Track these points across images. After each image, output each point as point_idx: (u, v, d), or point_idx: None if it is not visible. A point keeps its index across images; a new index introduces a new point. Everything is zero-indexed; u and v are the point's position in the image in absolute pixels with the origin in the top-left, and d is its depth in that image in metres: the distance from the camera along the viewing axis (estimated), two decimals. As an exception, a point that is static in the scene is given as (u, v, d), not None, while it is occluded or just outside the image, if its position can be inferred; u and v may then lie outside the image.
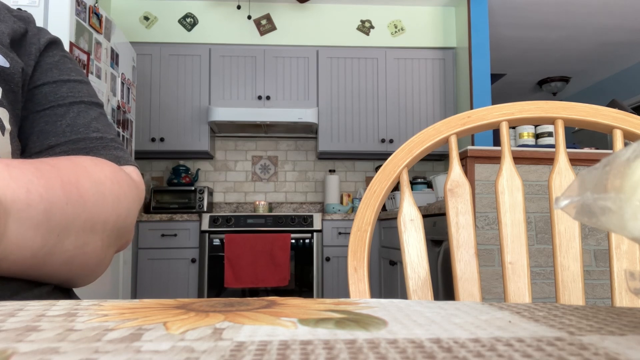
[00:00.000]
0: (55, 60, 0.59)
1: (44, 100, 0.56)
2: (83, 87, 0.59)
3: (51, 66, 0.58)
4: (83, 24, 2.10)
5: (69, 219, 0.43)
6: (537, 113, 0.67)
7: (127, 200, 0.51)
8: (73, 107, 0.57)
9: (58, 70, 0.58)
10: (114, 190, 0.49)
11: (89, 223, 0.45)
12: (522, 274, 0.62)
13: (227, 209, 3.64)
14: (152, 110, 3.38)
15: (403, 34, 3.65)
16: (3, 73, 0.51)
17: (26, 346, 0.18)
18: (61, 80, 0.57)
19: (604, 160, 0.23)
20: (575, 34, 4.04)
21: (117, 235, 0.50)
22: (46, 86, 0.56)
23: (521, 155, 1.90)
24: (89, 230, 0.45)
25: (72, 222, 0.43)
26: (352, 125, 3.49)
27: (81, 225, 0.44)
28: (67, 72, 0.59)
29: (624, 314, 0.26)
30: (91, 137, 0.56)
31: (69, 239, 0.43)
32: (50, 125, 0.55)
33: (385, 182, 0.66)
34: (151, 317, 0.24)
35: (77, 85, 0.59)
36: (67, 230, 0.43)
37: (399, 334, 0.21)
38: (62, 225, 0.42)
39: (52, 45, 0.60)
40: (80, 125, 0.56)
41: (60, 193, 0.42)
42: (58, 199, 0.41)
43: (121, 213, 0.50)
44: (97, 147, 0.56)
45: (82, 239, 0.44)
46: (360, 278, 0.62)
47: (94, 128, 0.57)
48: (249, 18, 3.51)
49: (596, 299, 1.88)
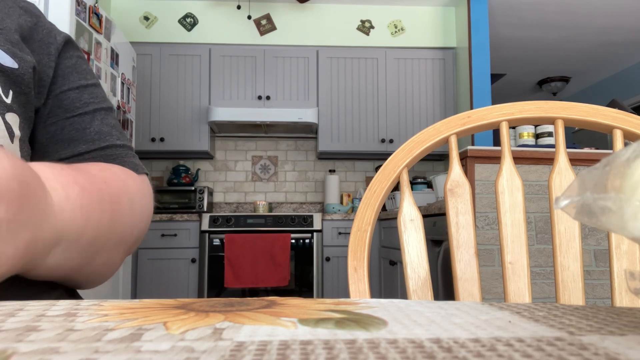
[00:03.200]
0: (73, 63, 0.59)
1: (72, 107, 0.57)
2: (99, 92, 0.61)
3: (71, 70, 0.58)
4: (83, 24, 2.10)
5: (107, 240, 0.45)
6: (537, 113, 0.67)
7: (148, 212, 0.54)
8: (96, 114, 0.58)
9: (77, 74, 0.59)
10: (142, 205, 0.52)
11: (119, 240, 0.47)
12: (522, 274, 0.62)
13: (227, 209, 3.64)
14: (152, 110, 3.38)
15: (403, 34, 3.65)
16: (12, 75, 0.49)
17: (26, 346, 0.18)
18: (82, 85, 0.58)
19: (604, 160, 0.23)
20: (575, 34, 4.04)
21: (134, 243, 0.53)
22: (71, 92, 0.57)
23: (521, 155, 1.90)
24: (117, 246, 0.47)
25: (107, 242, 0.45)
26: (352, 125, 3.49)
27: (114, 244, 0.46)
28: (84, 75, 0.60)
29: (624, 314, 0.26)
30: (116, 144, 0.58)
31: (101, 256, 0.45)
32: (80, 133, 0.56)
33: (385, 182, 0.66)
34: (151, 317, 0.24)
35: (94, 89, 0.60)
36: (102, 250, 0.45)
37: (399, 334, 0.21)
38: (100, 247, 0.44)
39: (68, 45, 0.60)
40: (105, 133, 0.58)
41: (109, 218, 0.44)
42: (106, 224, 0.43)
43: (144, 226, 0.53)
44: (121, 155, 0.58)
45: (110, 255, 0.47)
46: (360, 278, 0.62)
47: (116, 136, 0.59)
48: (249, 18, 3.51)
49: (596, 299, 1.88)
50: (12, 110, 0.49)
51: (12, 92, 0.50)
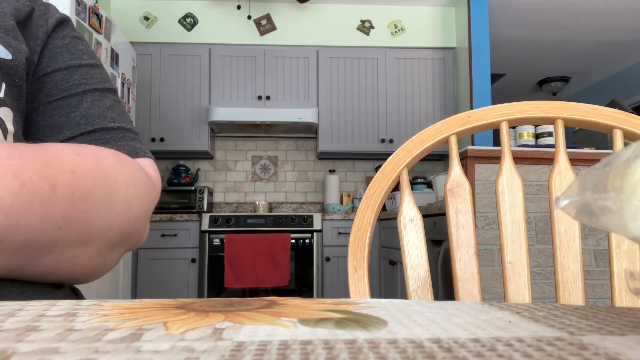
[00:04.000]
0: (66, 43, 0.54)
1: (55, 90, 0.51)
2: (96, 72, 0.55)
3: (61, 49, 0.53)
4: (83, 24, 2.10)
5: (57, 241, 0.38)
6: (537, 113, 0.67)
7: (140, 203, 0.47)
8: (86, 95, 0.52)
9: (69, 53, 0.53)
10: (128, 196, 0.44)
11: (84, 237, 0.41)
12: (522, 274, 0.62)
13: (227, 209, 3.64)
14: (152, 110, 3.38)
15: (403, 34, 3.65)
16: (5, 66, 0.46)
17: (26, 346, 0.18)
18: (73, 65, 0.53)
19: (604, 160, 0.23)
20: (575, 34, 4.04)
21: (122, 239, 0.46)
22: (57, 73, 0.52)
23: (521, 155, 1.90)
24: (82, 243, 0.41)
25: (59, 242, 0.38)
26: (352, 125, 3.49)
27: (72, 242, 0.40)
28: (78, 55, 0.54)
29: (624, 314, 0.26)
30: (107, 127, 0.52)
31: (51, 257, 0.39)
32: (63, 118, 0.51)
33: (385, 182, 0.66)
34: (151, 317, 0.24)
35: (89, 70, 0.54)
36: (52, 251, 0.38)
37: (399, 334, 0.21)
38: (45, 248, 0.38)
39: (61, 26, 0.54)
40: (95, 115, 0.52)
41: (60, 217, 0.37)
42: (53, 225, 0.37)
43: (130, 219, 0.45)
44: (114, 138, 0.52)
45: (67, 254, 0.40)
46: (360, 278, 0.62)
47: (109, 118, 0.53)
48: (249, 18, 3.51)
49: (596, 299, 1.88)
50: (5, 105, 0.45)
51: (5, 85, 0.46)
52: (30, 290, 0.41)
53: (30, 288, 0.41)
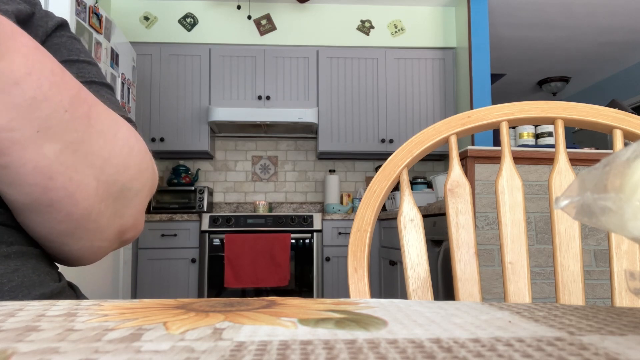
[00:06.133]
0: (63, 41, 0.55)
1: None
2: (92, 69, 0.56)
3: (59, 46, 0.54)
4: (83, 24, 2.10)
5: (63, 125, 0.38)
6: (537, 113, 0.67)
7: (140, 158, 0.46)
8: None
9: (67, 50, 0.54)
10: (129, 141, 0.44)
11: (85, 146, 0.39)
12: (522, 274, 0.62)
13: (227, 209, 3.64)
14: (152, 110, 3.38)
15: (403, 34, 3.65)
16: None
17: (26, 346, 0.18)
18: (70, 60, 0.53)
19: (604, 160, 0.23)
20: (575, 34, 4.04)
21: (117, 196, 0.44)
22: None
23: (521, 155, 1.90)
24: (82, 155, 0.39)
25: (64, 129, 0.38)
26: (352, 125, 3.49)
27: (74, 139, 0.39)
28: (75, 52, 0.55)
29: (624, 314, 0.26)
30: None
31: (51, 143, 0.37)
32: None
33: (385, 182, 0.66)
34: (151, 317, 0.24)
35: (86, 66, 0.55)
36: (51, 131, 0.37)
37: (399, 334, 0.21)
38: (46, 123, 0.37)
39: (60, 28, 0.56)
40: None
41: (66, 100, 0.37)
42: (58, 102, 0.37)
43: (130, 165, 0.44)
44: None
45: (69, 157, 0.39)
46: (360, 278, 0.62)
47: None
48: (249, 18, 3.51)
49: (596, 299, 1.88)
50: None
51: None
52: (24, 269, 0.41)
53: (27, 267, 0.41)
